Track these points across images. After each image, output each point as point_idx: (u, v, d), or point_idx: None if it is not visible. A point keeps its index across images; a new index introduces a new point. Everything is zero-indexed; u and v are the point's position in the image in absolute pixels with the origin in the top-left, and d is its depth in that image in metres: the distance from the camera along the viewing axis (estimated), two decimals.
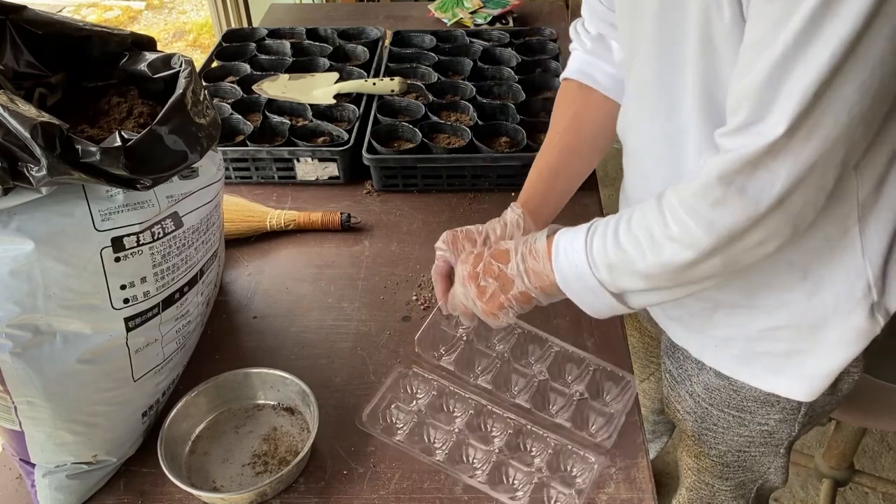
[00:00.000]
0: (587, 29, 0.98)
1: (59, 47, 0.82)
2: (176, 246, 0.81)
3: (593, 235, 0.76)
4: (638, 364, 1.30)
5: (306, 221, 1.20)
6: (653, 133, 0.81)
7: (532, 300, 0.83)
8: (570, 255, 0.77)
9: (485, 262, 0.84)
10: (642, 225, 0.72)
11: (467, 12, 1.90)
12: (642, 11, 0.74)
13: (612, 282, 0.75)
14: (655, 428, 1.51)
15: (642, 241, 0.71)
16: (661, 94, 0.77)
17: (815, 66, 0.55)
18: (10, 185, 0.67)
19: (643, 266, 0.72)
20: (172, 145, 0.73)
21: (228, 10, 2.91)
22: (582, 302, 0.79)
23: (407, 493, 0.82)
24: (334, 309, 1.07)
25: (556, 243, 0.79)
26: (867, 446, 1.95)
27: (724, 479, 1.04)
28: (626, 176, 0.95)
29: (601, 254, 0.75)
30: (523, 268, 0.81)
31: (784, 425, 0.92)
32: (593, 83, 0.96)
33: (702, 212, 0.66)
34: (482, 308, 0.84)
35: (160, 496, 0.83)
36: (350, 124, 1.36)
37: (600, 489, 0.82)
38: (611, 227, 0.75)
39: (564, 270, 0.78)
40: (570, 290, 0.78)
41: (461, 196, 1.29)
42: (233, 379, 0.91)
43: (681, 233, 0.68)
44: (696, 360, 0.93)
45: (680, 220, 0.68)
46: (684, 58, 0.71)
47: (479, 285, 0.83)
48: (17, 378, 0.72)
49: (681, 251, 0.69)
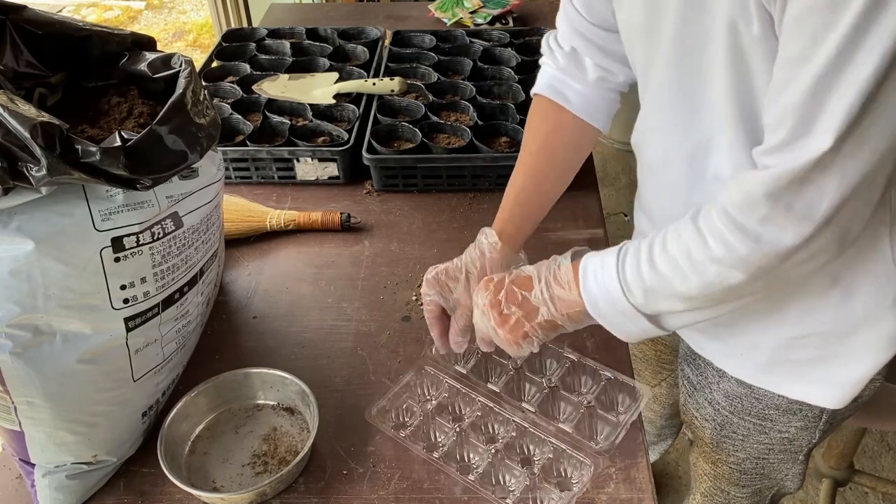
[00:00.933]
0: (560, 44, 0.95)
1: (59, 47, 0.82)
2: (176, 246, 0.81)
3: (625, 259, 0.74)
4: (649, 371, 1.29)
5: (306, 221, 1.20)
6: (672, 145, 0.79)
7: (558, 328, 0.80)
8: (600, 279, 0.75)
9: (507, 289, 0.81)
10: (679, 246, 0.70)
11: (467, 12, 1.90)
12: (659, 23, 0.73)
13: (648, 305, 0.73)
14: (662, 432, 1.51)
15: (681, 263, 0.69)
16: (681, 106, 0.75)
17: (860, 78, 0.54)
18: (10, 185, 0.67)
19: (684, 289, 0.70)
20: (172, 145, 0.73)
21: (228, 10, 2.91)
22: (613, 326, 0.77)
23: (407, 493, 0.82)
24: (334, 309, 1.07)
25: (584, 268, 0.77)
26: (867, 446, 1.95)
27: (742, 486, 1.04)
28: (641, 188, 0.93)
29: (635, 278, 0.72)
30: (548, 295, 0.78)
31: (805, 433, 0.91)
32: (565, 102, 0.93)
33: (748, 230, 0.64)
34: (504, 337, 0.81)
35: (160, 496, 0.83)
36: (350, 124, 1.36)
37: (600, 489, 0.82)
38: (643, 250, 0.73)
39: (594, 295, 0.75)
40: (600, 315, 0.76)
41: (461, 196, 1.29)
42: (233, 379, 0.91)
43: (725, 253, 0.66)
44: (718, 368, 0.92)
45: (723, 240, 0.66)
46: (708, 69, 0.69)
47: (501, 313, 0.80)
48: (17, 378, 0.72)
49: (726, 272, 0.67)
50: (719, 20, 0.65)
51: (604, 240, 1.18)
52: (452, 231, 1.21)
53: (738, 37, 0.64)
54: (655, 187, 0.88)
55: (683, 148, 0.78)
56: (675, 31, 0.71)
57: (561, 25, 0.95)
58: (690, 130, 0.76)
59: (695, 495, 1.17)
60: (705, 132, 0.74)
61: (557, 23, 0.96)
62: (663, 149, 0.82)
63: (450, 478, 0.83)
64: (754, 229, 0.64)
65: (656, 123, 0.82)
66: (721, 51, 0.66)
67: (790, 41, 0.58)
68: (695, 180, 0.78)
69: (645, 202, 0.94)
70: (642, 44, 0.79)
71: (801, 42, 0.56)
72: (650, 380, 1.31)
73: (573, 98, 0.93)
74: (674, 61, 0.73)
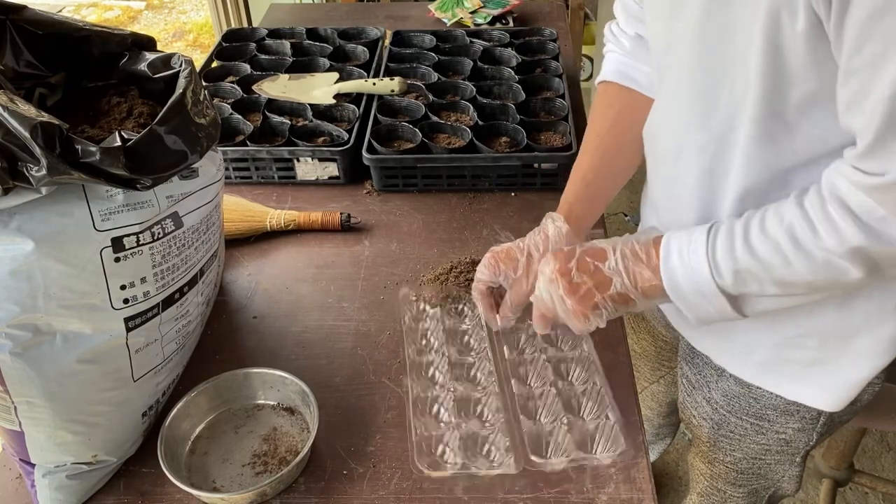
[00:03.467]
0: (624, 30, 0.96)
1: (59, 47, 0.82)
2: (176, 246, 0.81)
3: (715, 237, 0.72)
4: (648, 367, 1.29)
5: (306, 221, 1.20)
6: (688, 137, 0.78)
7: (630, 302, 0.78)
8: (685, 257, 0.73)
9: (578, 257, 0.78)
10: (782, 230, 0.68)
11: (467, 12, 1.89)
12: (682, 11, 0.72)
13: (736, 286, 0.72)
14: (659, 431, 1.51)
15: (784, 247, 0.67)
16: (701, 99, 0.74)
17: None
18: (10, 185, 0.66)
19: (784, 273, 0.68)
20: (172, 145, 0.73)
21: (228, 10, 2.91)
22: (689, 307, 0.75)
23: (407, 493, 0.82)
24: (334, 309, 1.07)
25: (667, 244, 0.75)
26: (867, 446, 1.95)
27: (738, 485, 1.04)
28: (651, 182, 0.92)
29: (726, 258, 0.70)
30: (623, 266, 0.76)
31: (802, 434, 0.91)
32: (635, 85, 0.93)
33: (868, 224, 0.62)
34: (572, 307, 0.78)
35: (160, 496, 0.83)
36: (350, 124, 1.36)
37: (600, 489, 0.82)
38: (738, 230, 0.71)
39: (675, 272, 0.74)
40: (678, 293, 0.74)
41: (461, 196, 1.29)
42: (233, 379, 0.91)
43: (837, 244, 0.64)
44: (717, 366, 0.92)
45: (836, 230, 0.64)
46: (735, 61, 0.68)
47: (571, 281, 0.77)
48: (16, 378, 0.72)
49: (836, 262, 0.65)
50: (755, 13, 0.63)
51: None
52: (452, 231, 1.21)
53: (779, 31, 0.62)
54: (665, 181, 0.87)
55: (696, 141, 0.77)
56: (698, 23, 0.70)
57: (619, 14, 0.96)
58: (707, 124, 0.75)
59: (691, 495, 1.18)
60: (722, 127, 0.73)
61: (615, 10, 0.97)
62: (675, 141, 0.81)
63: (450, 478, 0.83)
64: (875, 225, 0.62)
65: (670, 115, 0.81)
66: (753, 45, 0.64)
67: (866, 43, 0.56)
68: (707, 174, 0.77)
69: (653, 195, 0.93)
70: (663, 31, 0.78)
71: (881, 43, 0.55)
72: (649, 376, 1.31)
73: (642, 80, 0.93)
74: (695, 53, 0.72)
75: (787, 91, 0.65)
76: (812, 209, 0.66)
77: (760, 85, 0.66)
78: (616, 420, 0.85)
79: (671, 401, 1.36)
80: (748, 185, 0.73)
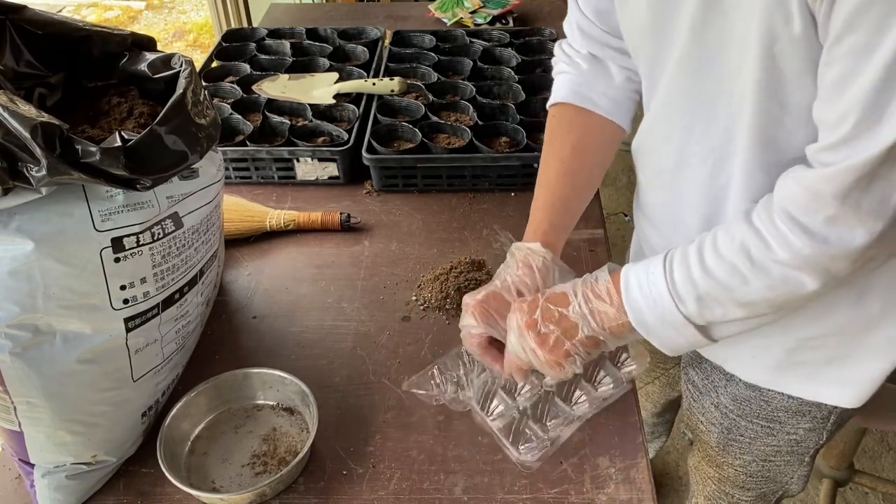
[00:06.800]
0: (578, 50, 0.92)
1: (59, 47, 0.82)
2: (176, 246, 0.81)
3: (671, 265, 0.71)
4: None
5: (306, 221, 1.20)
6: (686, 151, 0.77)
7: (600, 344, 0.76)
8: (645, 289, 0.72)
9: (541, 307, 0.76)
10: (734, 249, 0.66)
11: (467, 12, 1.90)
12: (670, 25, 0.70)
13: (701, 314, 0.70)
14: (654, 430, 1.52)
15: (740, 266, 0.66)
16: (697, 110, 0.73)
17: None
18: (10, 185, 0.66)
19: (744, 293, 0.67)
20: (172, 145, 0.73)
21: (228, 10, 2.91)
22: (658, 339, 0.73)
23: (406, 493, 0.82)
24: (334, 309, 1.07)
25: (625, 279, 0.74)
26: (867, 446, 1.95)
27: (747, 489, 1.03)
28: (647, 199, 0.90)
29: (686, 285, 0.69)
30: (587, 309, 0.75)
31: (812, 434, 0.91)
32: (592, 106, 0.90)
33: (814, 232, 0.61)
34: (544, 358, 0.76)
35: (160, 496, 0.83)
36: (350, 124, 1.36)
37: (600, 489, 0.82)
38: (692, 254, 0.70)
39: (639, 306, 0.72)
40: (645, 327, 0.73)
41: (461, 196, 1.29)
42: (232, 379, 0.91)
43: (789, 256, 0.63)
44: (727, 372, 0.91)
45: (787, 242, 0.63)
46: (730, 74, 0.67)
47: (539, 333, 0.76)
48: (16, 378, 0.72)
49: (791, 274, 0.64)
50: (750, 22, 0.62)
51: (604, 240, 1.18)
52: (452, 231, 1.21)
53: (774, 39, 0.61)
54: (661, 198, 0.86)
55: (696, 154, 0.76)
56: (691, 34, 0.68)
57: (571, 32, 0.92)
58: (703, 137, 0.74)
59: (697, 498, 1.17)
60: (719, 139, 0.72)
61: (566, 30, 0.93)
62: (673, 155, 0.79)
63: (450, 478, 0.83)
64: (821, 231, 0.61)
65: (663, 129, 0.80)
66: (749, 55, 0.63)
67: (850, 34, 0.55)
68: (706, 187, 0.77)
69: (644, 205, 0.92)
70: (649, 46, 0.76)
71: (865, 33, 0.54)
72: (643, 377, 1.32)
73: (601, 101, 0.91)
74: (688, 66, 0.71)
75: (786, 98, 0.65)
76: (762, 224, 0.65)
77: (758, 95, 0.66)
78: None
79: (665, 401, 1.36)
80: (750, 193, 0.73)
